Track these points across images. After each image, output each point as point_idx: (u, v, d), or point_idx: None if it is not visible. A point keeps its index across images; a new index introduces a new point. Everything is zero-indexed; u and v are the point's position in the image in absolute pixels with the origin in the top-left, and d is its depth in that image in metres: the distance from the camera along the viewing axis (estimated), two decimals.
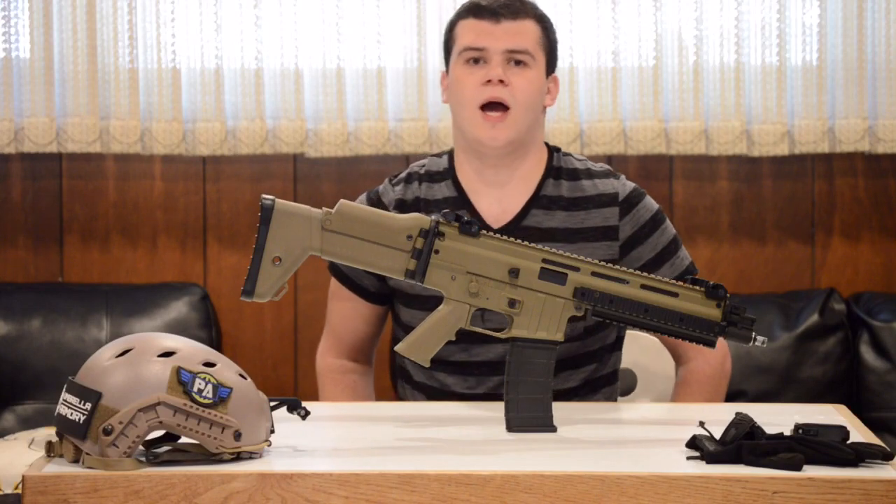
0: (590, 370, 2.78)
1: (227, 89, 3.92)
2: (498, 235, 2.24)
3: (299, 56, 3.92)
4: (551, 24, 2.78)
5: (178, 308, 3.90)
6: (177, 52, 3.91)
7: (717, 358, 2.80)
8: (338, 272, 2.83)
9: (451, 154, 2.82)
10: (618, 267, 2.25)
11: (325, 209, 2.19)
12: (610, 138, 3.90)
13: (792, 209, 4.03)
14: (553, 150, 2.81)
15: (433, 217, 2.22)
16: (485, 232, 2.23)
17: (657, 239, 2.77)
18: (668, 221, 2.80)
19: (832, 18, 3.90)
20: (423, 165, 2.83)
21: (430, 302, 2.34)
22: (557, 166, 2.79)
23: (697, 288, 2.25)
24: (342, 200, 2.20)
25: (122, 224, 4.03)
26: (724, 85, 3.90)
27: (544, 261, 2.24)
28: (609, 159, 3.99)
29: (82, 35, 3.90)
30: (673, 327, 2.25)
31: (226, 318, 4.02)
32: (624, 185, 2.79)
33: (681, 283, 2.26)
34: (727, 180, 4.03)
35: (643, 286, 2.25)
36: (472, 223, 2.22)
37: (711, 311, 2.25)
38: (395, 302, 2.81)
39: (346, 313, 2.85)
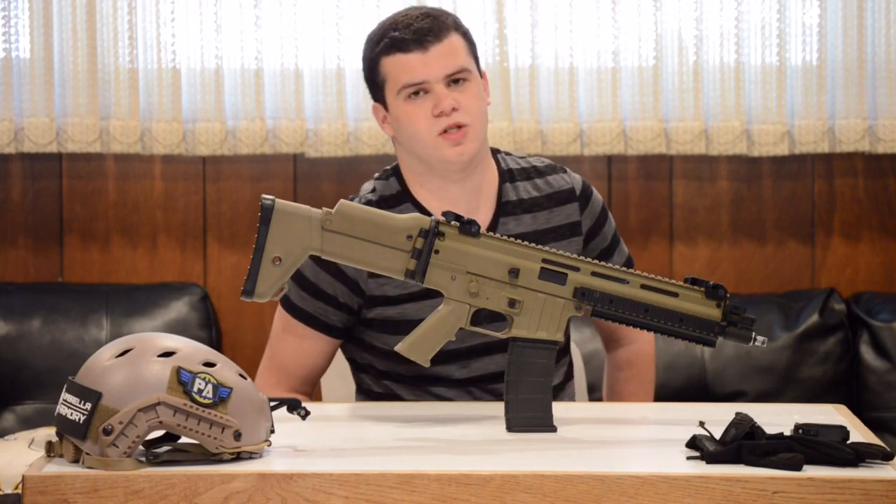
0: (566, 361, 2.80)
1: (227, 89, 3.92)
2: (498, 235, 2.24)
3: (299, 56, 3.92)
4: (466, 27, 2.70)
5: (178, 308, 3.90)
6: (177, 52, 3.91)
7: (652, 336, 2.85)
8: (300, 313, 2.68)
9: (396, 175, 2.72)
10: (618, 267, 2.25)
11: (325, 209, 2.18)
12: (610, 138, 3.90)
13: (792, 209, 4.03)
14: (495, 153, 2.77)
15: (433, 217, 2.22)
16: (484, 232, 2.23)
17: (608, 229, 2.80)
18: (609, 211, 2.84)
19: (832, 18, 3.90)
20: (374, 191, 2.71)
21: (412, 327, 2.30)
22: (507, 168, 2.75)
23: (697, 288, 2.26)
24: (342, 200, 2.20)
25: (122, 224, 4.03)
26: (724, 85, 3.90)
27: (544, 261, 2.24)
28: (609, 159, 3.99)
29: (82, 35, 3.90)
30: (673, 327, 2.25)
31: (226, 318, 4.02)
32: (575, 179, 2.78)
33: (681, 282, 2.26)
34: (727, 180, 4.03)
35: (643, 286, 2.25)
36: (472, 223, 2.22)
37: (711, 311, 2.25)
38: (364, 330, 2.71)
39: (304, 350, 2.70)
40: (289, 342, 2.71)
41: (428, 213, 2.67)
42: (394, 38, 2.63)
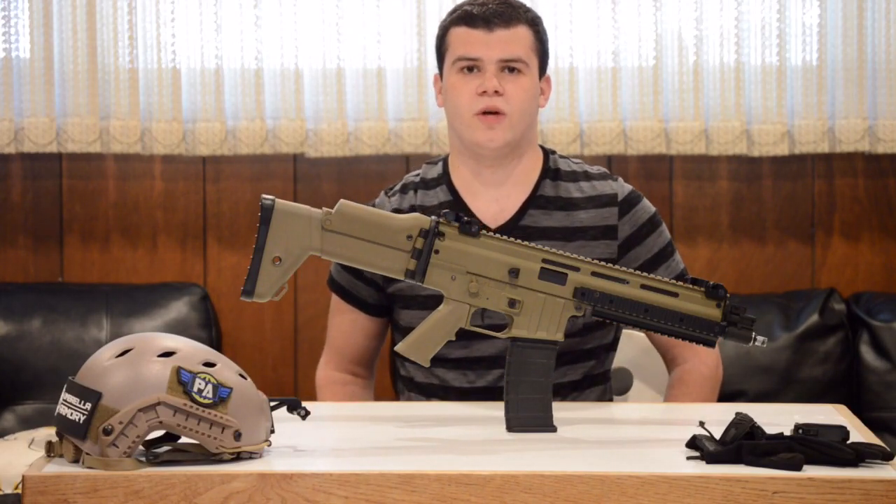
0: (588, 367, 2.79)
1: (227, 89, 3.92)
2: (498, 235, 2.25)
3: (299, 56, 3.92)
4: (543, 26, 2.78)
5: (178, 308, 3.90)
6: (177, 52, 3.91)
7: (712, 360, 2.82)
8: (337, 286, 2.84)
9: (445, 160, 2.82)
10: (618, 267, 2.26)
11: (325, 209, 2.19)
12: (610, 138, 3.90)
13: (792, 209, 4.03)
14: (548, 153, 2.82)
15: (433, 217, 2.22)
16: (485, 232, 2.24)
17: (654, 241, 2.79)
18: (664, 225, 2.83)
19: (832, 18, 3.90)
20: (418, 174, 2.84)
21: (430, 302, 2.35)
22: (554, 168, 2.80)
23: (697, 288, 2.26)
24: (342, 200, 2.21)
25: (122, 224, 4.03)
26: (724, 85, 3.90)
27: (544, 261, 2.24)
28: (609, 159, 3.99)
29: (82, 35, 3.90)
30: (673, 327, 2.25)
31: (226, 318, 4.02)
32: (622, 187, 2.81)
33: (681, 282, 2.26)
34: (727, 180, 4.03)
35: (643, 286, 2.25)
36: (472, 223, 2.23)
37: (711, 311, 2.25)
38: (394, 308, 2.81)
39: (346, 327, 2.85)
40: (334, 318, 2.87)
41: (459, 196, 2.77)
42: (465, 12, 2.73)
